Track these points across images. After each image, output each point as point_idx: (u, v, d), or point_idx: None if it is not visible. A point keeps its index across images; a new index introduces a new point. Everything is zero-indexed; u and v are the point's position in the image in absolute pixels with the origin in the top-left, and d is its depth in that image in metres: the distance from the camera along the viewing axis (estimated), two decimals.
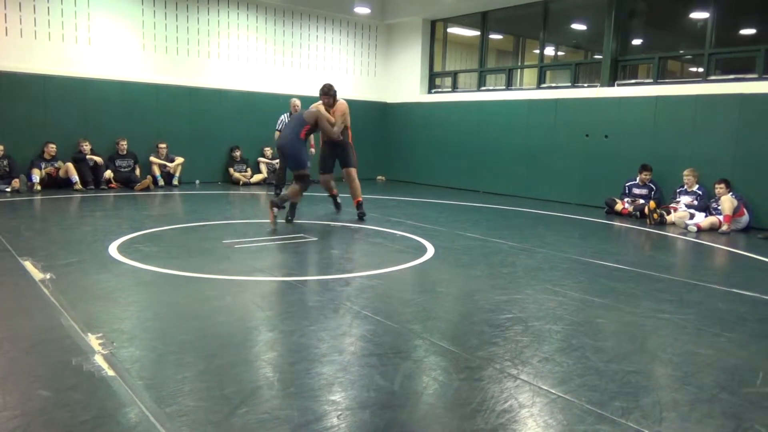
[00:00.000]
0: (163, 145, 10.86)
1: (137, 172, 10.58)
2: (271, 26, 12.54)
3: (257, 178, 11.89)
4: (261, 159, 12.17)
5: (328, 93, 7.41)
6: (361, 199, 7.69)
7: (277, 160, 12.16)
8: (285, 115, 10.29)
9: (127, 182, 10.29)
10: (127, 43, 10.83)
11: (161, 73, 11.20)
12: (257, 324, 3.59)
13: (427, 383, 2.77)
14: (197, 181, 11.57)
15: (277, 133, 10.30)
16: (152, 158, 10.76)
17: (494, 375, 2.86)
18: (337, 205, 8.12)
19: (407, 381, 2.76)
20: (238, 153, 11.85)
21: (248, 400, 2.48)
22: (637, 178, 9.10)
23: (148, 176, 10.48)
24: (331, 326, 3.47)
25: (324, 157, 7.82)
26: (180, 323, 3.52)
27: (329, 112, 7.45)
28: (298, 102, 10.10)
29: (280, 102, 11.66)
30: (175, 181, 10.92)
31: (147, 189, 10.23)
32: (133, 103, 10.84)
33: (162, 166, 10.82)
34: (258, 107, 12.28)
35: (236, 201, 9.52)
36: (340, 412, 2.42)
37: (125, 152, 10.47)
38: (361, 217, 7.50)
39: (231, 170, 11.76)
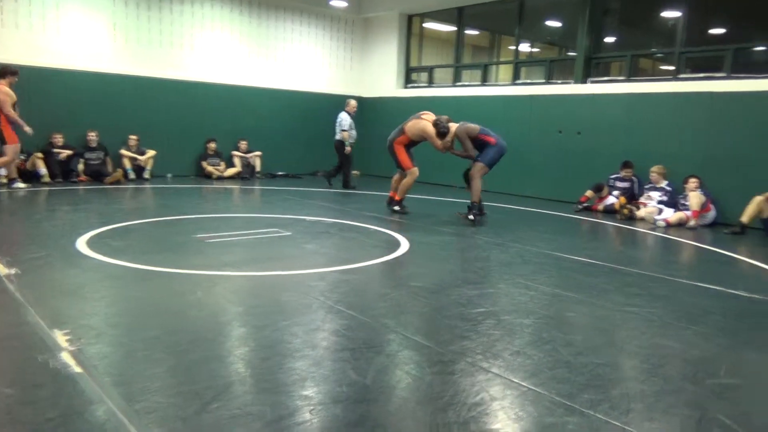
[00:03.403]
0: (134, 137, 10.66)
1: (108, 165, 10.38)
2: (246, 18, 12.40)
3: (231, 171, 11.76)
4: (235, 153, 12.04)
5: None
6: (395, 195, 8.05)
7: (251, 154, 12.10)
8: (345, 113, 10.79)
9: (97, 175, 10.08)
10: (97, 34, 10.58)
11: (134, 65, 10.98)
12: (229, 319, 3.56)
13: (400, 377, 2.78)
14: (169, 175, 11.40)
15: (345, 134, 10.72)
16: (123, 151, 10.57)
17: (466, 368, 2.88)
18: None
19: (380, 375, 2.76)
20: (212, 146, 11.70)
21: (220, 396, 2.46)
22: (621, 173, 9.22)
23: (119, 169, 10.30)
24: (304, 321, 3.46)
25: None
26: (150, 319, 3.47)
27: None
28: (353, 102, 11.00)
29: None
30: (147, 175, 10.74)
31: (117, 182, 10.06)
32: (104, 95, 10.60)
33: (133, 159, 10.64)
34: (232, 100, 12.15)
35: (209, 195, 9.41)
36: (312, 407, 2.41)
37: (95, 145, 10.26)
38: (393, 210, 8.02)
39: (204, 164, 11.61)
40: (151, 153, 10.78)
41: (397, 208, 7.96)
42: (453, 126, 7.67)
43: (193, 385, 2.56)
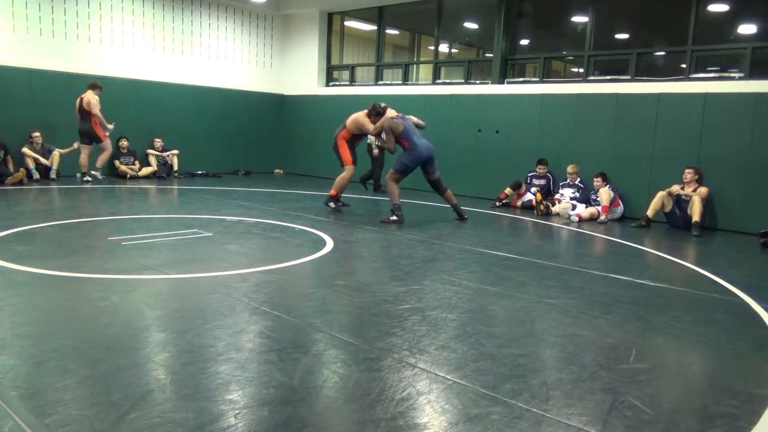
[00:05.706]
0: (37, 134, 9.99)
1: (9, 164, 9.66)
2: (159, 11, 11.92)
3: (146, 171, 11.28)
4: (150, 151, 11.56)
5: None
6: (333, 192, 8.09)
7: (168, 153, 11.65)
8: None
9: None
10: None
11: (35, 57, 10.29)
12: (147, 324, 3.41)
13: (327, 377, 2.76)
14: (78, 174, 10.76)
15: (372, 138, 10.15)
16: (25, 149, 9.89)
17: (393, 365, 2.90)
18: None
19: (307, 376, 2.74)
20: (124, 143, 11.16)
21: (138, 405, 2.36)
22: (536, 169, 9.60)
23: (21, 169, 9.63)
24: (227, 324, 3.37)
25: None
26: (60, 327, 3.27)
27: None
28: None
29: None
30: (53, 174, 10.09)
31: (20, 183, 9.40)
32: (2, 89, 9.86)
33: (36, 159, 9.97)
34: (146, 96, 11.64)
35: (123, 196, 8.98)
36: (237, 411, 2.36)
37: None
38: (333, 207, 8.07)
39: (117, 162, 11.07)
40: (56, 155, 10.12)
41: (332, 204, 7.94)
42: (391, 112, 7.75)
43: (109, 395, 2.43)
